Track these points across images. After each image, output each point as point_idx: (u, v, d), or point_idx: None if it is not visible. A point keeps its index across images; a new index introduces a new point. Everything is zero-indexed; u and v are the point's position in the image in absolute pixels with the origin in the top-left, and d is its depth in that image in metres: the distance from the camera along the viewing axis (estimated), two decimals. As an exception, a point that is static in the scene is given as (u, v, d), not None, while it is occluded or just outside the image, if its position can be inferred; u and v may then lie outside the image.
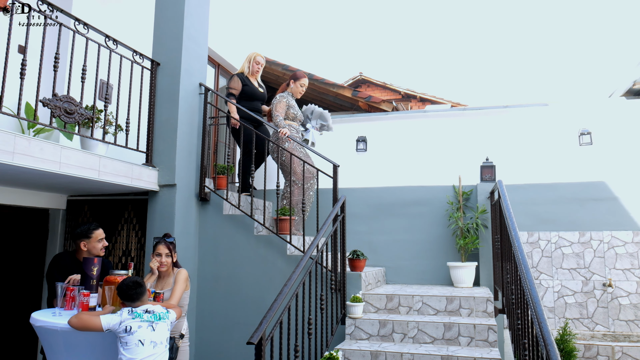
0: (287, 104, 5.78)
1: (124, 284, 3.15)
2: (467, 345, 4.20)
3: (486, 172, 6.01)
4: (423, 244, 6.14)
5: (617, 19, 28.10)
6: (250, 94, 5.99)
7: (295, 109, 5.83)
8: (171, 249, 3.80)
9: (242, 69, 6.12)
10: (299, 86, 5.95)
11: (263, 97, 6.21)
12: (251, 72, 6.10)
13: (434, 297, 4.71)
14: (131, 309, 3.10)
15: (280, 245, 5.05)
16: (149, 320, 3.09)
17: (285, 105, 5.76)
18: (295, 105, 5.86)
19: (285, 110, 5.76)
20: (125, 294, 3.14)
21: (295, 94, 5.96)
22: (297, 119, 5.85)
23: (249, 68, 6.09)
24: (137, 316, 3.07)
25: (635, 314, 5.58)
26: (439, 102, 12.86)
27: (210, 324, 5.09)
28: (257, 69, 6.13)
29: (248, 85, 6.01)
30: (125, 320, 3.04)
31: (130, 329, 3.03)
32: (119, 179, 4.41)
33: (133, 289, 3.14)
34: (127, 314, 3.08)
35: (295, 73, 5.99)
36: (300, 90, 5.96)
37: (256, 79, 6.19)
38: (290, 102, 5.83)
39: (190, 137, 5.20)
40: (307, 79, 6.02)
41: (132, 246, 5.17)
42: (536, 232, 5.95)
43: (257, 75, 6.18)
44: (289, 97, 5.86)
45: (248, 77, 6.08)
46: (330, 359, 3.79)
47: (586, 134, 5.94)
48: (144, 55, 4.90)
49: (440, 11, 36.87)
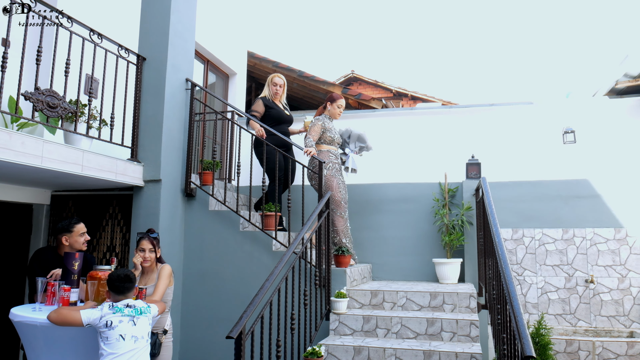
0: (323, 127, 5.51)
1: (116, 274, 3.15)
2: (450, 340, 4.23)
3: (472, 170, 6.04)
4: (409, 241, 6.17)
5: (600, 20, 28.37)
6: (276, 118, 5.82)
7: (332, 132, 5.58)
8: (155, 244, 3.80)
9: (264, 93, 5.96)
10: (336, 107, 5.67)
11: (290, 119, 6.06)
12: (272, 95, 5.94)
13: (417, 293, 4.75)
14: (112, 304, 3.09)
15: (265, 242, 5.06)
16: (130, 314, 3.08)
17: (319, 129, 5.49)
18: (332, 129, 5.61)
19: (320, 134, 5.50)
20: (113, 285, 3.12)
21: (333, 116, 5.70)
22: (334, 142, 5.60)
23: (269, 91, 5.94)
24: (118, 311, 3.05)
25: (616, 309, 5.65)
26: (430, 100, 12.92)
27: (196, 319, 5.09)
28: (276, 91, 5.94)
29: (274, 108, 5.84)
30: (106, 315, 3.03)
31: (111, 323, 3.01)
32: (102, 174, 4.39)
33: (123, 281, 3.13)
34: (108, 308, 3.06)
35: (332, 95, 5.70)
36: (338, 112, 5.68)
37: (280, 102, 6.01)
38: (327, 125, 5.56)
39: (176, 133, 5.19)
40: (344, 100, 5.72)
41: (117, 242, 5.16)
42: (521, 229, 6.00)
43: (281, 97, 6.00)
44: (325, 120, 5.58)
45: (273, 101, 5.91)
46: (313, 354, 3.82)
47: (570, 132, 6.00)
48: (129, 49, 4.88)
49: (432, 11, 36.96)
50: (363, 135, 5.81)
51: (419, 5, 36.86)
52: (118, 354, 3.00)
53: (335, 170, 5.47)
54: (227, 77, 8.71)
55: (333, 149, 5.59)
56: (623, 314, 5.64)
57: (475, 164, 6.02)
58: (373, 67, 34.30)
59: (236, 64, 8.69)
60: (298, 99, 11.76)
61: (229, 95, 8.67)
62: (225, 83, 8.66)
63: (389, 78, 25.10)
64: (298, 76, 10.27)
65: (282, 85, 5.98)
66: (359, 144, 5.81)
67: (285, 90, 6.06)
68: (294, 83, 10.57)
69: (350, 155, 5.72)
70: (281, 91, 5.98)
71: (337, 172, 5.48)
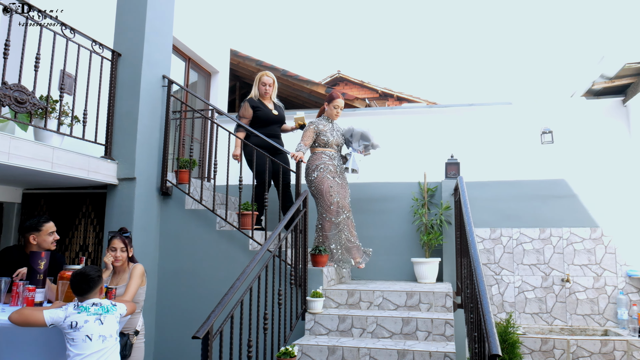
0: (316, 131, 5.32)
1: (74, 273, 3.09)
2: (425, 339, 4.22)
3: (451, 169, 6.05)
4: (388, 240, 6.16)
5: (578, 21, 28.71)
6: (264, 119, 5.65)
7: (326, 134, 5.33)
8: (127, 243, 3.74)
9: (252, 93, 5.79)
10: (332, 108, 5.44)
11: (279, 119, 5.83)
12: (261, 95, 5.77)
13: (394, 293, 4.73)
14: (77, 303, 3.02)
15: (242, 241, 5.02)
16: (96, 313, 3.01)
17: (312, 134, 5.30)
18: (327, 131, 5.36)
19: (313, 138, 5.32)
20: (72, 285, 3.07)
21: (331, 117, 5.48)
22: (330, 144, 5.36)
23: (257, 90, 5.77)
24: (84, 310, 2.98)
25: (592, 308, 5.70)
26: (415, 101, 12.94)
27: (171, 319, 5.03)
28: (266, 90, 5.74)
29: (261, 109, 5.67)
30: (71, 315, 2.95)
31: (77, 324, 2.94)
32: (74, 172, 4.31)
33: (80, 282, 3.06)
34: (73, 308, 2.99)
35: (330, 94, 5.49)
36: (334, 113, 5.45)
37: (271, 101, 5.83)
38: (320, 127, 5.35)
39: (152, 130, 5.12)
40: (342, 100, 5.47)
41: (90, 241, 5.08)
42: (499, 229, 6.03)
43: (270, 95, 5.81)
44: (319, 123, 5.39)
45: (261, 100, 5.75)
46: (286, 354, 3.78)
47: (548, 132, 6.04)
48: (104, 45, 4.81)
49: (419, 13, 37.11)
50: (366, 132, 5.50)
51: (406, 7, 36.98)
52: (85, 354, 2.93)
53: (328, 172, 5.25)
54: (209, 75, 8.63)
55: (328, 151, 5.36)
56: (598, 313, 5.68)
57: (454, 164, 6.03)
58: (360, 67, 34.35)
59: (218, 62, 8.61)
60: (282, 98, 11.72)
61: (211, 93, 8.59)
62: (207, 81, 8.58)
63: (375, 79, 25.13)
64: (282, 75, 10.23)
65: (271, 84, 5.78)
66: (362, 143, 5.49)
67: (276, 88, 5.89)
68: (278, 82, 10.51)
69: (352, 155, 5.43)
70: (271, 90, 5.79)
71: (330, 174, 5.25)
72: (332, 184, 5.24)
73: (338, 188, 5.28)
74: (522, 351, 5.14)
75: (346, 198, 5.36)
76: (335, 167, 5.32)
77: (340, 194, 5.29)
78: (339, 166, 5.40)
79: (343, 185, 5.37)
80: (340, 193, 5.30)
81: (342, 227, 5.29)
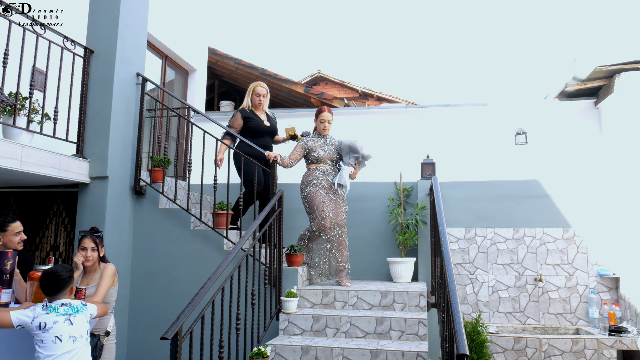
0: (305, 148, 5.25)
1: (43, 272, 3.04)
2: (398, 339, 4.24)
3: (427, 169, 6.09)
4: (364, 240, 6.17)
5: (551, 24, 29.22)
6: (255, 129, 5.56)
7: (316, 150, 5.23)
8: (98, 243, 3.68)
9: (244, 103, 5.71)
10: (319, 123, 5.32)
11: (271, 130, 5.74)
12: (253, 105, 5.68)
13: (369, 292, 4.74)
14: (45, 304, 2.96)
15: (217, 240, 4.99)
16: (65, 313, 2.95)
17: (300, 149, 5.25)
18: (317, 147, 5.25)
19: (302, 154, 5.27)
20: (42, 287, 3.01)
21: (321, 132, 5.33)
22: (322, 160, 5.24)
23: (250, 101, 5.68)
24: (52, 310, 2.92)
25: (564, 307, 5.79)
26: (395, 100, 13.00)
27: (144, 320, 4.97)
28: (259, 101, 5.67)
29: (253, 119, 5.57)
30: (39, 316, 2.89)
31: (45, 325, 2.88)
32: (44, 170, 4.24)
33: (49, 282, 3.00)
34: (41, 309, 2.93)
35: (318, 108, 5.37)
36: (322, 127, 5.30)
37: (264, 111, 5.74)
38: (310, 144, 5.25)
39: (125, 128, 5.05)
40: (328, 113, 5.33)
41: (61, 240, 5.00)
42: (473, 228, 6.08)
43: (263, 106, 5.72)
44: (309, 140, 5.30)
45: (253, 111, 5.66)
46: (258, 354, 3.76)
47: (522, 133, 6.11)
48: (75, 41, 4.73)
49: (398, 13, 37.32)
50: (354, 143, 5.28)
51: (387, 7, 37.17)
52: (56, 355, 2.88)
53: (321, 187, 5.14)
54: (187, 73, 8.55)
55: (322, 167, 5.24)
56: (570, 312, 5.78)
57: (430, 164, 6.07)
58: (340, 67, 34.40)
59: (196, 60, 8.54)
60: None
61: (189, 92, 8.51)
62: (184, 79, 8.50)
63: (355, 78, 25.20)
64: (260, 74, 10.19)
65: (265, 94, 5.71)
66: (352, 155, 5.28)
67: (268, 99, 5.81)
68: (257, 81, 10.48)
69: (342, 170, 5.21)
70: (264, 100, 5.70)
71: (323, 189, 5.14)
72: (325, 200, 5.12)
73: (332, 204, 5.14)
74: (494, 350, 5.20)
75: (340, 215, 5.18)
76: (329, 183, 5.20)
77: (333, 210, 5.14)
78: (330, 182, 5.26)
79: (337, 201, 5.20)
80: (334, 209, 5.15)
81: (331, 244, 5.16)
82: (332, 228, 5.11)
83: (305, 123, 6.36)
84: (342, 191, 5.24)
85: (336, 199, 5.19)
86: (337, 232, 5.15)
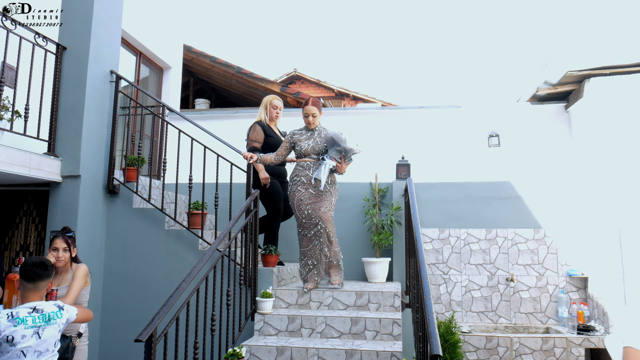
0: (290, 141, 4.96)
1: (30, 260, 2.88)
2: (373, 339, 4.27)
3: (401, 170, 6.15)
4: (340, 240, 6.13)
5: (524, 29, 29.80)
6: (273, 146, 5.29)
7: (300, 143, 4.90)
8: (69, 243, 3.62)
9: (259, 117, 5.46)
10: (304, 117, 4.96)
11: None
12: (270, 119, 5.46)
13: (344, 292, 4.77)
14: (11, 314, 2.74)
15: (191, 240, 4.95)
16: (34, 325, 2.78)
17: (286, 144, 4.97)
18: (302, 140, 4.92)
19: (288, 148, 4.99)
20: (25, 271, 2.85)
21: (307, 126, 4.99)
22: (306, 154, 4.89)
23: (266, 114, 5.44)
24: (20, 322, 2.73)
25: (534, 306, 5.91)
26: (371, 101, 13.06)
27: (117, 321, 4.90)
28: (276, 114, 5.45)
29: (272, 136, 5.36)
30: (6, 329, 2.70)
31: (13, 339, 2.70)
32: (13, 168, 4.14)
33: (37, 266, 2.87)
34: (7, 320, 2.72)
35: (305, 100, 5.01)
36: (307, 121, 4.95)
37: (276, 126, 5.54)
38: (295, 138, 4.95)
39: (98, 127, 4.98)
40: (312, 106, 4.92)
41: (31, 240, 4.89)
42: (447, 229, 6.17)
43: (277, 121, 5.54)
44: (295, 133, 4.99)
45: (269, 126, 5.42)
46: (233, 355, 3.75)
47: (494, 136, 6.22)
48: (48, 38, 4.63)
49: (375, 13, 37.53)
50: (337, 135, 4.77)
51: (363, 7, 37.34)
52: None
53: (300, 184, 4.83)
54: (162, 70, 8.45)
55: (303, 161, 4.90)
56: (540, 311, 5.91)
57: (405, 165, 6.13)
58: (316, 66, 34.42)
59: (171, 57, 8.44)
60: (237, 95, 11.62)
61: (163, 89, 8.41)
62: (159, 77, 8.40)
63: (332, 78, 25.24)
64: (236, 72, 10.13)
65: (281, 107, 5.49)
66: (335, 149, 4.80)
67: None
68: (233, 79, 10.43)
69: (323, 163, 4.80)
70: (280, 114, 5.49)
71: (302, 186, 4.82)
72: (303, 197, 4.81)
73: (312, 199, 4.80)
74: (467, 349, 5.29)
75: (321, 208, 4.79)
76: (308, 178, 4.85)
77: (315, 204, 4.80)
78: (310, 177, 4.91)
79: (319, 194, 4.82)
80: (316, 204, 4.80)
81: (318, 240, 4.81)
82: (314, 224, 4.79)
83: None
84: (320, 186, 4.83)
85: (317, 193, 4.82)
86: (320, 227, 4.80)
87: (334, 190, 4.96)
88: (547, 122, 6.39)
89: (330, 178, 4.91)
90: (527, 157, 6.29)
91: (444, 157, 6.41)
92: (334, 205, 4.95)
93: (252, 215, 4.76)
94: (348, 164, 4.93)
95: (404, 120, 6.60)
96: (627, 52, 5.61)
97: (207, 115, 8.42)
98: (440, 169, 6.37)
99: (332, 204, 4.91)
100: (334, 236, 4.90)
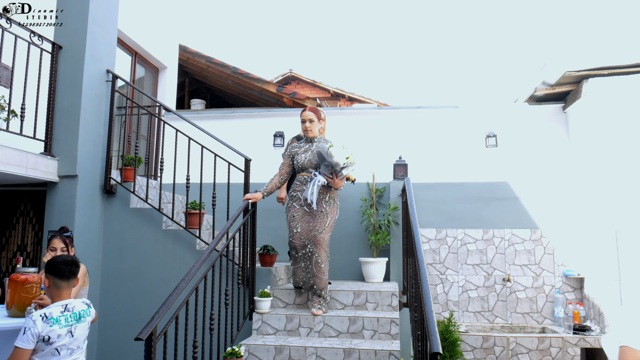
0: (290, 156, 4.59)
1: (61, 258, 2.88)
2: (371, 338, 4.27)
3: (399, 170, 6.16)
4: (337, 240, 6.19)
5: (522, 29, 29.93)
6: None
7: (298, 157, 4.52)
8: (67, 243, 3.62)
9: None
10: (301, 123, 4.59)
11: None
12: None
13: (342, 292, 4.77)
14: (45, 315, 2.71)
15: (189, 240, 4.94)
16: (67, 324, 2.77)
17: (286, 160, 4.59)
18: (300, 152, 4.54)
19: (290, 164, 4.59)
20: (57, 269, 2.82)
21: (303, 133, 4.63)
22: (304, 168, 4.50)
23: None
24: (55, 322, 2.71)
25: (531, 306, 5.93)
26: (367, 101, 13.08)
27: (115, 321, 4.88)
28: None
29: None
30: (43, 331, 2.67)
31: (49, 339, 2.68)
32: (10, 168, 4.12)
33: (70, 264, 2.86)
34: (42, 321, 2.68)
35: None
36: (303, 128, 4.56)
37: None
38: (294, 151, 4.58)
39: (95, 126, 4.96)
40: (308, 111, 4.56)
41: (29, 240, 4.87)
42: (444, 229, 6.18)
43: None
44: (294, 146, 4.64)
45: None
46: (232, 354, 3.74)
47: (492, 136, 6.24)
48: (43, 37, 4.61)
49: (371, 13, 37.59)
50: (323, 149, 4.31)
51: (360, 7, 37.39)
52: None
53: (296, 200, 4.47)
54: (157, 70, 8.43)
55: (301, 175, 4.54)
56: (536, 311, 5.93)
57: (402, 165, 6.14)
58: (312, 67, 34.40)
59: (167, 57, 8.43)
60: (233, 96, 11.61)
61: (159, 89, 8.39)
62: (155, 77, 8.38)
63: (328, 78, 25.26)
64: (232, 72, 10.12)
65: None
66: (323, 164, 4.35)
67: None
68: (229, 80, 10.41)
69: (313, 181, 4.35)
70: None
71: (297, 202, 4.45)
72: (296, 213, 4.43)
73: (304, 217, 4.40)
74: (464, 348, 5.30)
75: (314, 230, 4.37)
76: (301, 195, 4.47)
77: (307, 224, 4.40)
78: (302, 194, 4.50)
79: (312, 213, 4.38)
80: (309, 223, 4.39)
81: (305, 263, 4.46)
82: (303, 245, 4.41)
83: (277, 123, 6.37)
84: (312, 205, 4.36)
85: (311, 212, 4.38)
86: (307, 250, 4.40)
87: (332, 210, 4.47)
88: (545, 122, 6.42)
89: (329, 194, 4.45)
90: (524, 158, 6.31)
91: (442, 158, 6.43)
92: (331, 226, 4.45)
93: (250, 215, 4.75)
94: (342, 179, 4.43)
95: (401, 120, 6.61)
96: (625, 53, 5.64)
97: (203, 115, 8.40)
98: (438, 169, 6.39)
99: (327, 225, 4.41)
100: (324, 262, 4.42)
